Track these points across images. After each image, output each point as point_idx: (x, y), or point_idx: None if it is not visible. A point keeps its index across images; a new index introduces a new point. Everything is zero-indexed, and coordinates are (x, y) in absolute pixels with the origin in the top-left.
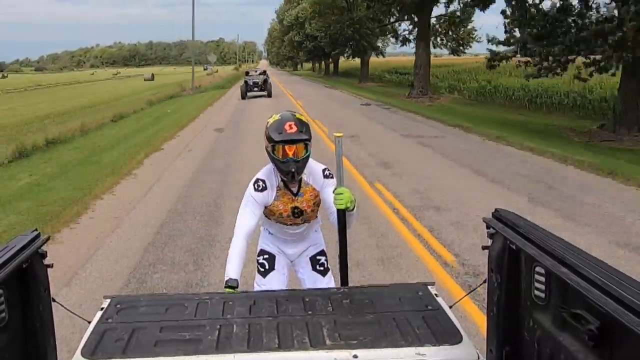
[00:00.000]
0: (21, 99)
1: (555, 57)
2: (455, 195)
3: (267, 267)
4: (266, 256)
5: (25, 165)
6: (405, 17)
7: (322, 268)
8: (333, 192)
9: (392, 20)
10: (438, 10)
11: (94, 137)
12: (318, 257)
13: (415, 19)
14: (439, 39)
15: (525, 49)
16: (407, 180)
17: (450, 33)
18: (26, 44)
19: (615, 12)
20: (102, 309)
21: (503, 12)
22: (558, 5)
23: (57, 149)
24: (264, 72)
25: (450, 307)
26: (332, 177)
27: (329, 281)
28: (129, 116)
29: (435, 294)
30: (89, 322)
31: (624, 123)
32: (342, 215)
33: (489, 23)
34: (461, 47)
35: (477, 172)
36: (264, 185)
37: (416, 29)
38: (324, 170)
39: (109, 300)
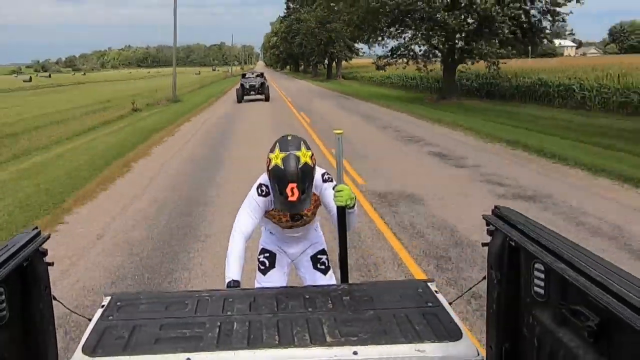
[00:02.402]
0: (144, 83)
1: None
2: (292, 88)
3: (267, 265)
4: (267, 254)
5: (197, 92)
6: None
7: (323, 267)
8: (333, 189)
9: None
10: None
11: (207, 89)
12: (319, 256)
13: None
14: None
15: None
16: (282, 85)
17: None
18: (32, 46)
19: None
20: (102, 306)
21: None
22: None
23: (201, 91)
24: (262, 75)
25: (450, 303)
26: (331, 181)
27: (330, 280)
28: (215, 82)
29: (435, 291)
30: (90, 320)
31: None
32: (342, 212)
33: None
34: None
35: (311, 91)
36: (267, 190)
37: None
38: (323, 175)
39: (109, 298)
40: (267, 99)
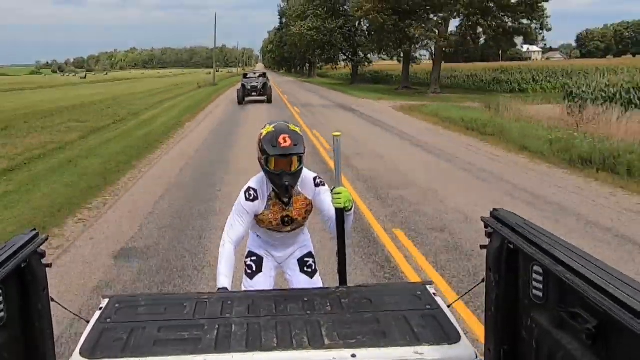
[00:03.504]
0: (180, 77)
1: None
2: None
3: (254, 268)
4: (254, 258)
5: (220, 82)
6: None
7: (309, 270)
8: (331, 191)
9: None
10: None
11: (224, 81)
12: (306, 259)
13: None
14: None
15: None
16: (274, 80)
17: None
18: (33, 47)
19: None
20: (100, 308)
21: None
22: None
23: (221, 82)
24: (264, 75)
25: (449, 306)
26: (323, 185)
27: (317, 282)
28: (222, 80)
29: (434, 294)
30: (88, 322)
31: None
32: (340, 214)
33: None
34: None
35: (289, 81)
36: (255, 194)
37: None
38: (315, 179)
39: (107, 300)
40: (269, 101)
